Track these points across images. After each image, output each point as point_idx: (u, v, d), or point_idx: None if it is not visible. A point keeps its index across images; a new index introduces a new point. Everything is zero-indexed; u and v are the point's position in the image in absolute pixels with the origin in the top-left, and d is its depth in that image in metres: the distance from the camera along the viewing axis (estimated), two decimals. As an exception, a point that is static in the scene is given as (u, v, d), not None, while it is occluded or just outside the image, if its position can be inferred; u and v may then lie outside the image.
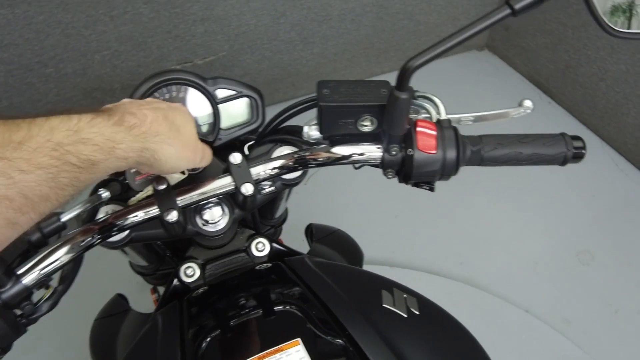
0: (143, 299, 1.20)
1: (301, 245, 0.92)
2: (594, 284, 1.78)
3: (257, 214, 0.83)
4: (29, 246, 0.57)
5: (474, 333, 0.65)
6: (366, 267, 0.97)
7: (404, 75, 0.49)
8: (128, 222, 0.60)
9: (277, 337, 0.56)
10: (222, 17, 1.93)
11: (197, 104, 0.72)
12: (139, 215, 0.60)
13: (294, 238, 1.08)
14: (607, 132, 2.19)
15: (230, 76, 0.74)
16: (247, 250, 0.73)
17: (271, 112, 0.73)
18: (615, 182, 2.07)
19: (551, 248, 1.88)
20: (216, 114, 0.73)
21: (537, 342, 1.62)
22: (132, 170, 0.68)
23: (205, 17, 1.89)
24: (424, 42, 2.48)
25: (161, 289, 1.08)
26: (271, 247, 0.73)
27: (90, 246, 0.58)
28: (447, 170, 0.55)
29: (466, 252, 1.85)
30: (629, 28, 0.68)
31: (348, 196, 1.98)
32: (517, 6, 0.47)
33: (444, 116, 0.57)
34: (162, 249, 0.86)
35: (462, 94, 2.06)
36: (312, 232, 0.95)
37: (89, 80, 1.85)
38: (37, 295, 0.57)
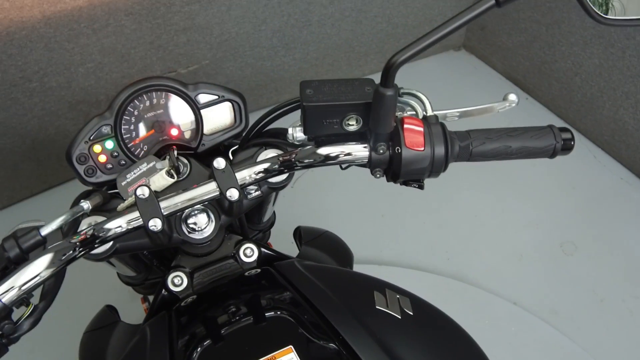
0: (134, 309, 1.18)
1: (290, 248, 0.91)
2: (579, 274, 1.81)
3: (244, 219, 0.82)
4: (8, 263, 0.55)
5: (464, 328, 0.64)
6: (355, 267, 0.96)
7: (389, 70, 0.48)
8: (111, 233, 0.58)
9: (269, 345, 0.55)
10: (204, 26, 1.93)
11: (178, 110, 0.71)
12: (123, 226, 0.58)
13: (282, 241, 1.07)
14: (584, 125, 2.23)
15: (211, 81, 0.73)
16: (235, 256, 0.72)
17: (255, 118, 0.72)
18: (593, 174, 2.11)
19: (535, 240, 1.91)
20: (199, 120, 0.72)
21: (527, 334, 1.63)
22: (124, 183, 0.66)
23: (187, 26, 1.89)
24: (403, 44, 2.43)
25: (152, 298, 1.06)
26: (260, 252, 0.72)
27: (72, 259, 0.56)
28: (436, 167, 0.55)
29: (452, 248, 1.87)
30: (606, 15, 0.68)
31: (334, 196, 1.98)
32: None
33: (430, 112, 0.57)
34: (148, 258, 0.84)
35: (441, 94, 2.06)
36: (301, 234, 0.94)
37: (74, 93, 1.84)
38: (17, 313, 0.55)
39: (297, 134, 0.59)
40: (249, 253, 0.72)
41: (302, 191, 1.90)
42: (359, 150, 0.57)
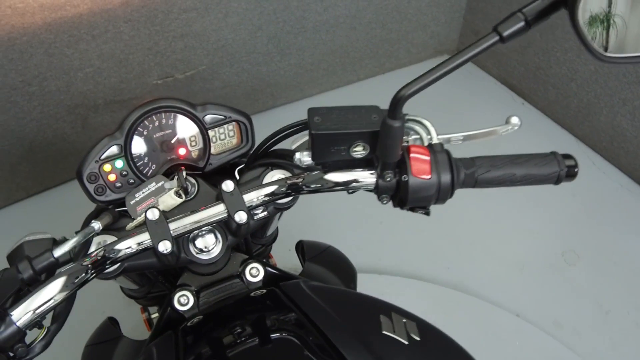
0: (131, 316, 1.18)
1: (286, 257, 0.90)
2: (582, 284, 1.77)
3: (249, 237, 0.82)
4: (22, 284, 0.56)
5: (467, 342, 0.64)
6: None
7: (397, 104, 0.50)
8: (121, 254, 0.59)
9: None
10: (201, 33, 1.95)
11: (186, 130, 0.72)
12: (133, 247, 0.59)
13: (278, 251, 1.06)
14: (582, 131, 2.23)
15: (219, 101, 0.74)
16: (240, 275, 0.73)
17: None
18: (593, 180, 2.09)
19: (536, 249, 1.88)
20: (206, 140, 0.73)
21: (531, 348, 1.59)
22: (132, 202, 0.67)
23: (184, 33, 1.92)
24: (396, 49, 2.53)
25: (151, 309, 1.06)
26: (265, 271, 0.73)
27: (84, 282, 0.56)
28: (443, 195, 0.55)
29: (452, 257, 1.85)
30: (607, 40, 0.69)
31: (331, 204, 1.97)
32: (505, 33, 0.48)
33: (435, 140, 0.58)
34: (153, 274, 0.85)
35: (435, 99, 2.08)
36: (304, 249, 0.94)
37: (73, 97, 1.87)
38: (29, 336, 0.56)
39: (304, 158, 0.60)
40: (255, 273, 0.72)
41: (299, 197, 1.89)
42: (366, 177, 0.58)
